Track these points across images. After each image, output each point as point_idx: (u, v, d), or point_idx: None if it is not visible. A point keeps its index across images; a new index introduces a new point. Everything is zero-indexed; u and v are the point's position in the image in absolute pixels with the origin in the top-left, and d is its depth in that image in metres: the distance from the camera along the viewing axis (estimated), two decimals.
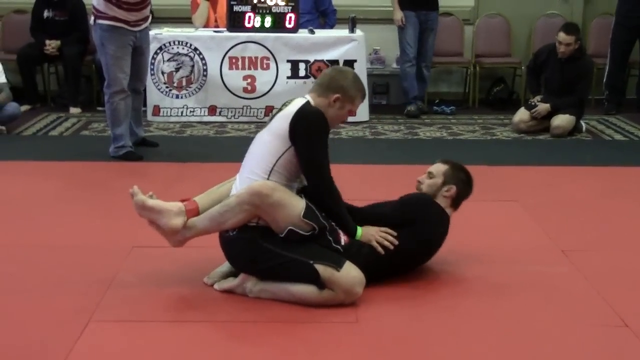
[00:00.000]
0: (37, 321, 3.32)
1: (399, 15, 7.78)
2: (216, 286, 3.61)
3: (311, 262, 3.39)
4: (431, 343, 3.21)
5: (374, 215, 3.74)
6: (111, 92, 5.90)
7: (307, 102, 3.61)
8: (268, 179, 3.51)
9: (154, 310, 3.43)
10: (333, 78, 3.66)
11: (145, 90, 7.50)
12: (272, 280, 3.50)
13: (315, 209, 3.48)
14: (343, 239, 3.55)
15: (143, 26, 5.96)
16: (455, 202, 3.83)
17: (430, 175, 3.83)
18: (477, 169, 4.02)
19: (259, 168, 3.54)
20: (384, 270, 3.61)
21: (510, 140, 6.98)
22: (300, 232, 3.43)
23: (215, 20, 7.88)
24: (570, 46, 7.05)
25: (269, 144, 3.57)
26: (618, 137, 7.15)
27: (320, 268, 3.38)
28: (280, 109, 3.69)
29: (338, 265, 3.39)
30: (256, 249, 3.46)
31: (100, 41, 5.86)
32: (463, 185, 3.83)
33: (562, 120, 7.03)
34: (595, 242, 4.37)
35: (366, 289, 3.46)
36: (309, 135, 3.53)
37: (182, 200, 3.62)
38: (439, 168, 3.85)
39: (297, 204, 3.45)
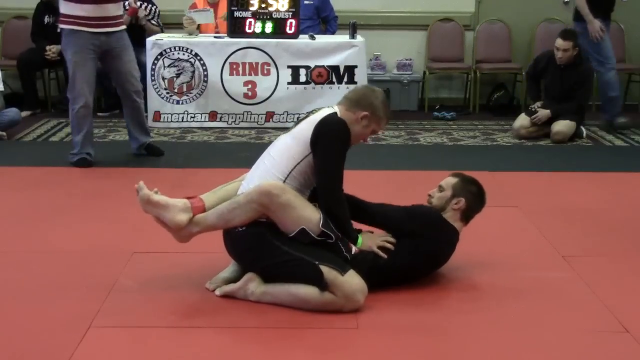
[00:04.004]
0: (38, 327, 3.31)
1: (597, 24, 7.23)
2: (217, 291, 3.61)
3: (316, 262, 3.40)
4: (432, 349, 3.21)
5: (380, 216, 3.74)
6: (71, 98, 5.80)
7: (335, 113, 3.64)
8: (285, 180, 3.55)
9: (155, 316, 3.43)
10: (365, 95, 3.68)
11: (145, 96, 7.55)
12: (276, 279, 3.51)
13: (327, 217, 3.50)
14: (354, 248, 3.57)
15: (110, 29, 5.74)
16: (466, 216, 3.81)
17: (441, 188, 3.82)
18: (477, 175, 4.01)
19: (277, 169, 3.58)
20: (386, 279, 3.62)
21: (511, 146, 6.98)
22: (312, 234, 3.44)
23: (216, 27, 7.88)
24: (567, 52, 7.05)
25: (290, 148, 3.61)
26: (619, 142, 7.16)
27: (325, 269, 3.39)
28: (307, 116, 3.73)
29: (342, 270, 3.41)
30: (264, 243, 3.48)
31: (63, 47, 5.83)
32: (473, 198, 3.80)
33: (562, 126, 7.03)
34: (595, 247, 4.37)
35: (368, 295, 3.46)
36: (329, 142, 3.56)
37: (189, 198, 3.63)
38: (448, 181, 3.84)
39: (310, 209, 3.48)
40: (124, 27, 5.93)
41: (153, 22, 8.10)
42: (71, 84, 5.79)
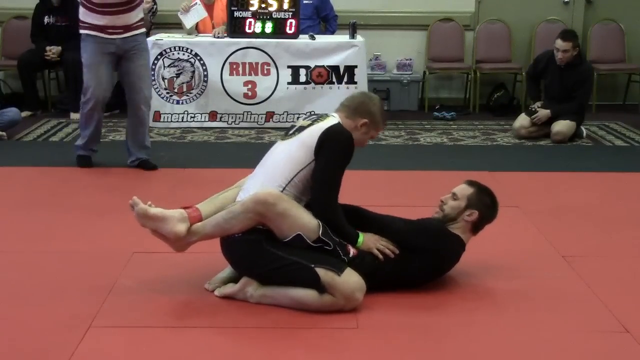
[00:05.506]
0: (38, 327, 3.31)
1: None
2: (216, 292, 3.61)
3: (312, 265, 3.39)
4: (431, 349, 3.21)
5: (386, 227, 3.69)
6: (83, 100, 5.76)
7: (339, 122, 3.64)
8: (285, 187, 3.54)
9: (155, 316, 3.43)
10: (362, 102, 3.71)
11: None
12: (273, 284, 3.50)
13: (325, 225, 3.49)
14: (352, 251, 3.55)
15: (125, 35, 5.67)
16: (476, 227, 3.77)
17: (455, 196, 3.75)
18: (477, 175, 4.02)
19: (279, 175, 3.57)
20: (387, 284, 3.60)
21: (511, 146, 6.98)
22: (308, 240, 3.44)
23: (213, 27, 7.87)
24: (567, 52, 7.05)
25: (294, 153, 3.60)
26: (619, 142, 7.16)
27: (321, 272, 3.38)
28: (311, 123, 3.69)
29: (339, 270, 3.40)
30: (260, 250, 3.47)
31: (81, 50, 5.77)
32: (486, 210, 3.75)
33: (562, 126, 7.03)
34: (595, 247, 4.37)
35: (367, 295, 3.46)
36: (333, 153, 3.55)
37: (185, 208, 3.62)
38: (463, 191, 3.76)
39: (307, 217, 3.47)
40: (142, 30, 5.84)
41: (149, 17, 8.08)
42: (84, 85, 5.75)
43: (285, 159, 3.62)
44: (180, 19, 7.60)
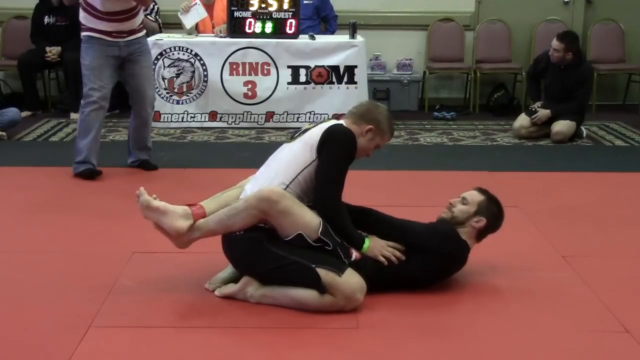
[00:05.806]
0: (38, 327, 3.31)
1: None
2: (217, 292, 3.61)
3: (313, 265, 3.39)
4: (431, 349, 3.21)
5: (398, 228, 3.70)
6: (84, 102, 5.66)
7: (343, 124, 3.68)
8: (289, 185, 3.55)
9: (155, 316, 3.43)
10: (369, 110, 3.76)
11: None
12: (274, 284, 3.51)
13: (327, 225, 3.49)
14: (355, 254, 3.54)
15: (129, 38, 5.64)
16: (481, 235, 3.78)
17: (464, 201, 3.77)
18: (477, 175, 4.02)
19: (282, 174, 3.58)
20: (389, 285, 3.60)
21: (511, 146, 6.98)
22: (308, 240, 3.44)
23: (213, 27, 7.87)
24: (558, 53, 7.04)
25: (297, 153, 3.62)
26: (618, 142, 7.16)
27: (322, 272, 3.38)
28: (315, 126, 3.74)
29: (340, 271, 3.40)
30: (260, 249, 3.47)
31: (81, 53, 5.68)
32: (493, 220, 3.77)
33: (562, 126, 7.03)
34: (595, 247, 4.37)
35: (367, 295, 3.46)
36: (335, 150, 3.57)
37: (189, 205, 3.62)
38: (474, 197, 3.78)
39: (309, 216, 3.47)
40: (144, 32, 5.83)
41: (150, 17, 8.06)
42: (86, 89, 5.65)
43: (289, 158, 3.64)
44: (180, 19, 7.61)
